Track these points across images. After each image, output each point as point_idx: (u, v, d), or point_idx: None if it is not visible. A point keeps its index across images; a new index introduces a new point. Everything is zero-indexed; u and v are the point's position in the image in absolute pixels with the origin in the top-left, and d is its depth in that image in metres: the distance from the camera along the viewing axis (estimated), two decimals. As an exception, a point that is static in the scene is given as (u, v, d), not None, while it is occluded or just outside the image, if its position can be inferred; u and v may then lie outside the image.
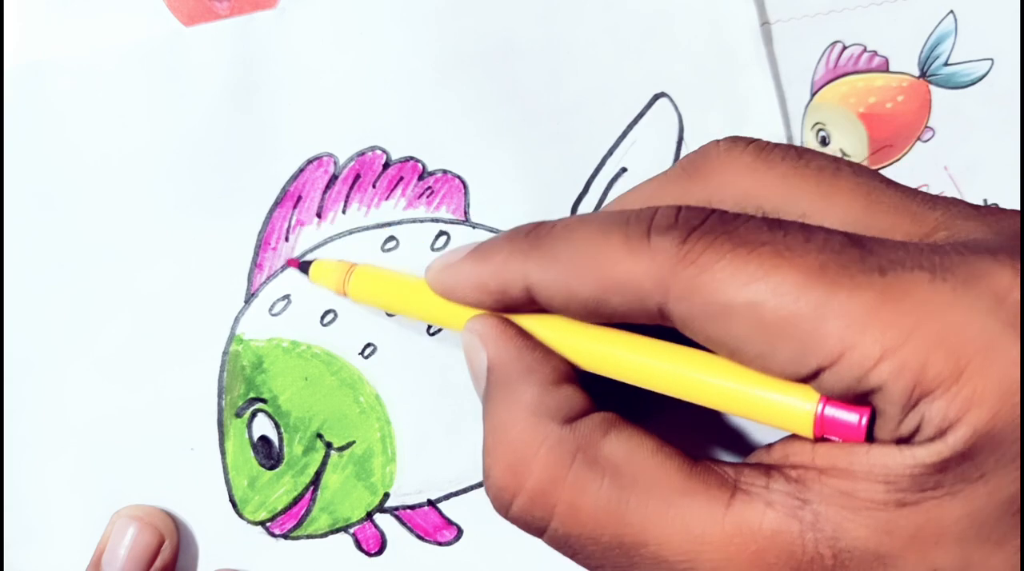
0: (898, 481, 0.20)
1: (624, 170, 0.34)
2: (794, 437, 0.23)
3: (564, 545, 0.23)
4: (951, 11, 0.35)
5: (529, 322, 0.26)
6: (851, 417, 0.21)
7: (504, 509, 0.24)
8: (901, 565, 0.21)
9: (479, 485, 0.33)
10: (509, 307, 0.26)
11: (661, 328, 0.24)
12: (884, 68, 0.35)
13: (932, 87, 0.35)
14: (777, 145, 0.25)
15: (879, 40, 0.35)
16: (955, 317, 0.20)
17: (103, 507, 0.32)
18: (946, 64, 0.35)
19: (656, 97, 0.34)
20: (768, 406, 0.22)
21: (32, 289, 0.33)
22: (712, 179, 0.25)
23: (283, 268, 0.33)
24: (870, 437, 0.21)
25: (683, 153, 0.34)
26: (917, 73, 0.35)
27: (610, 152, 0.34)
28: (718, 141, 0.26)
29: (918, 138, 0.35)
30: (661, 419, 0.25)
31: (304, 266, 0.33)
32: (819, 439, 0.22)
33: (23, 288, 0.33)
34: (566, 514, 0.23)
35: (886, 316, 0.20)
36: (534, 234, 0.25)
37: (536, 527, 0.24)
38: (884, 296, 0.20)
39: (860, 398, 0.21)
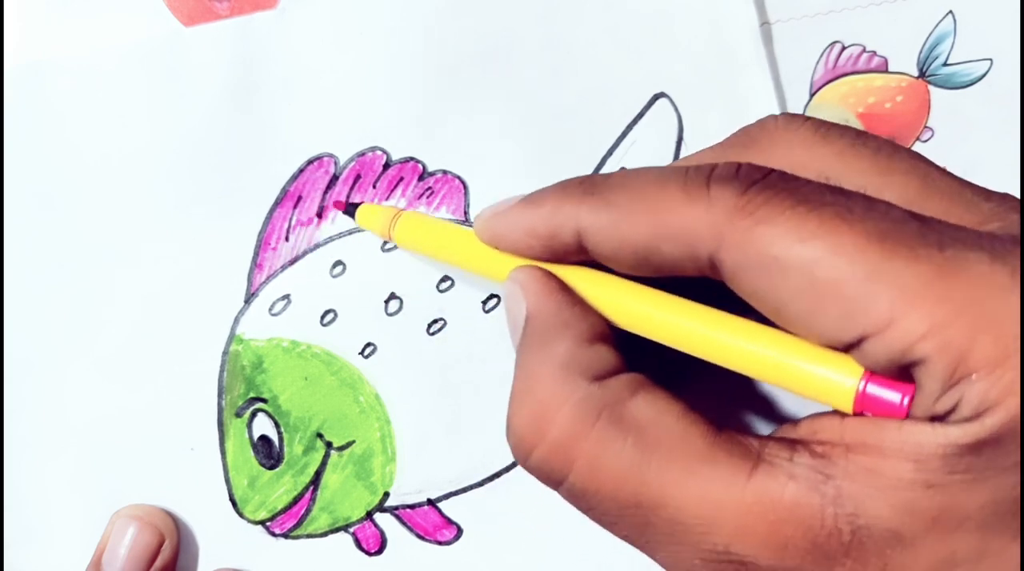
0: (928, 460, 0.20)
1: (624, 170, 0.34)
2: (822, 414, 0.23)
3: (580, 499, 0.24)
4: (950, 11, 0.35)
5: (572, 276, 0.26)
6: (893, 396, 0.21)
7: (523, 457, 0.24)
8: (919, 546, 0.20)
9: (479, 484, 0.33)
10: (557, 255, 0.26)
11: (701, 293, 0.24)
12: (883, 68, 0.35)
13: (931, 87, 0.35)
14: (835, 123, 0.25)
15: (878, 40, 0.35)
16: (1010, 301, 0.20)
17: (103, 507, 0.32)
18: (945, 64, 0.35)
19: (656, 97, 0.34)
20: (808, 378, 0.22)
21: (32, 289, 0.33)
22: (768, 150, 0.25)
23: (283, 267, 0.33)
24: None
25: (683, 153, 0.34)
26: (916, 73, 0.35)
27: (610, 152, 0.34)
28: (775, 115, 0.26)
29: (917, 138, 0.35)
30: (689, 386, 0.25)
31: (351, 209, 0.33)
32: (855, 414, 0.22)
33: (23, 288, 0.33)
34: (585, 469, 0.23)
35: (940, 290, 0.20)
36: (588, 181, 0.25)
37: (553, 479, 0.24)
38: (941, 270, 0.20)
39: (901, 371, 0.21)
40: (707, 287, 0.24)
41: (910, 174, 0.23)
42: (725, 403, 0.32)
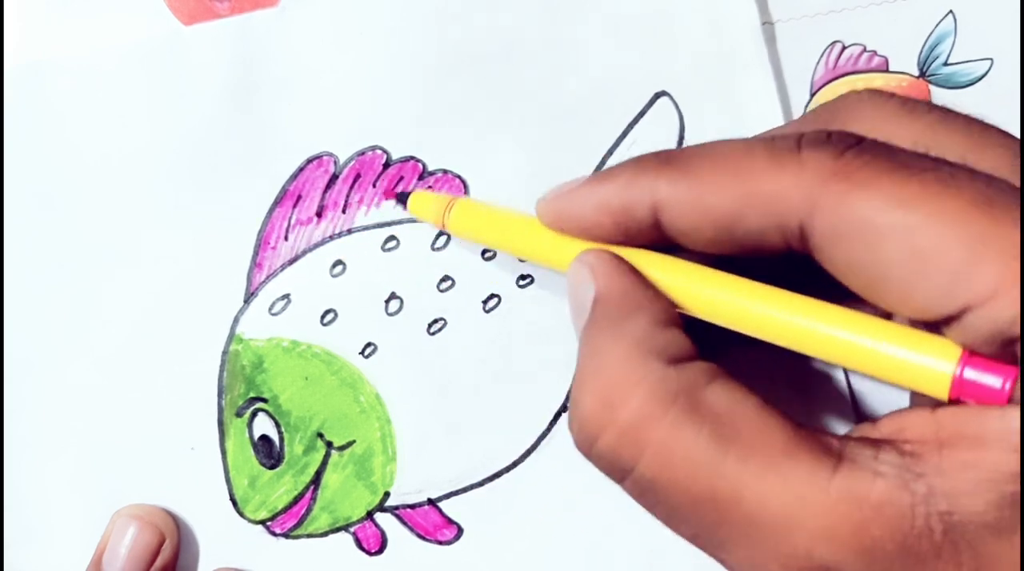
0: None
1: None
2: (906, 410, 0.21)
3: (647, 492, 0.22)
4: (950, 11, 0.35)
5: (641, 260, 0.25)
6: (993, 380, 0.20)
7: (588, 443, 0.22)
8: (1016, 538, 0.19)
9: (479, 484, 0.33)
10: (628, 234, 0.24)
11: (777, 276, 0.23)
12: (884, 68, 0.35)
13: (932, 87, 0.35)
14: (922, 100, 0.24)
15: (879, 40, 0.35)
16: None
17: (103, 506, 0.32)
18: (945, 64, 0.35)
19: (656, 96, 0.34)
20: (899, 363, 0.21)
21: (32, 289, 0.33)
22: (851, 124, 0.24)
23: (283, 267, 0.33)
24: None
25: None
26: (916, 73, 0.35)
27: (610, 152, 0.34)
28: (858, 90, 0.25)
29: (917, 138, 0.35)
30: (759, 381, 0.23)
31: (402, 197, 0.32)
32: (951, 402, 0.20)
33: (23, 288, 0.33)
34: (657, 458, 0.21)
35: None
36: (664, 154, 0.24)
37: (619, 468, 0.22)
38: None
39: (1004, 346, 0.20)
40: (778, 276, 0.23)
41: (1003, 149, 0.22)
42: (799, 400, 0.31)
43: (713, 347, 0.23)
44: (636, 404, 0.21)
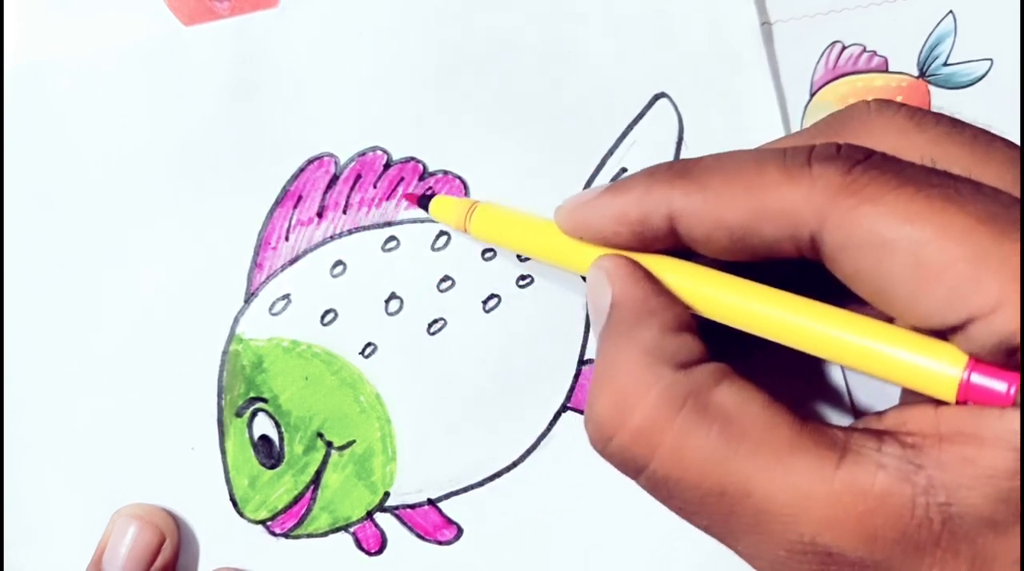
0: None
1: (624, 170, 0.34)
2: (910, 404, 0.22)
3: (660, 487, 0.23)
4: (950, 11, 0.35)
5: (657, 264, 0.26)
6: (999, 385, 0.21)
7: (602, 443, 0.24)
8: (1011, 534, 0.20)
9: (479, 484, 0.33)
10: (645, 242, 0.25)
11: (786, 284, 0.24)
12: (883, 68, 0.35)
13: (931, 87, 0.35)
14: (929, 111, 0.25)
15: (878, 40, 0.35)
16: None
17: (103, 506, 0.32)
18: (945, 64, 0.35)
19: (656, 97, 0.34)
20: (909, 367, 0.22)
21: (32, 289, 0.33)
22: (861, 135, 0.25)
23: (283, 267, 0.33)
24: None
25: (683, 153, 0.34)
26: (916, 73, 0.35)
27: (610, 152, 0.34)
28: (868, 101, 0.26)
29: (917, 138, 0.35)
30: (770, 377, 0.24)
31: (423, 201, 0.32)
32: (958, 403, 0.21)
33: (23, 288, 0.33)
34: (669, 457, 0.22)
35: None
36: (678, 166, 0.25)
37: (633, 466, 0.23)
38: None
39: (1006, 355, 0.21)
40: (792, 278, 0.24)
41: (1008, 163, 0.23)
42: (804, 395, 0.32)
43: (725, 345, 0.24)
44: (646, 408, 0.23)
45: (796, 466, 0.21)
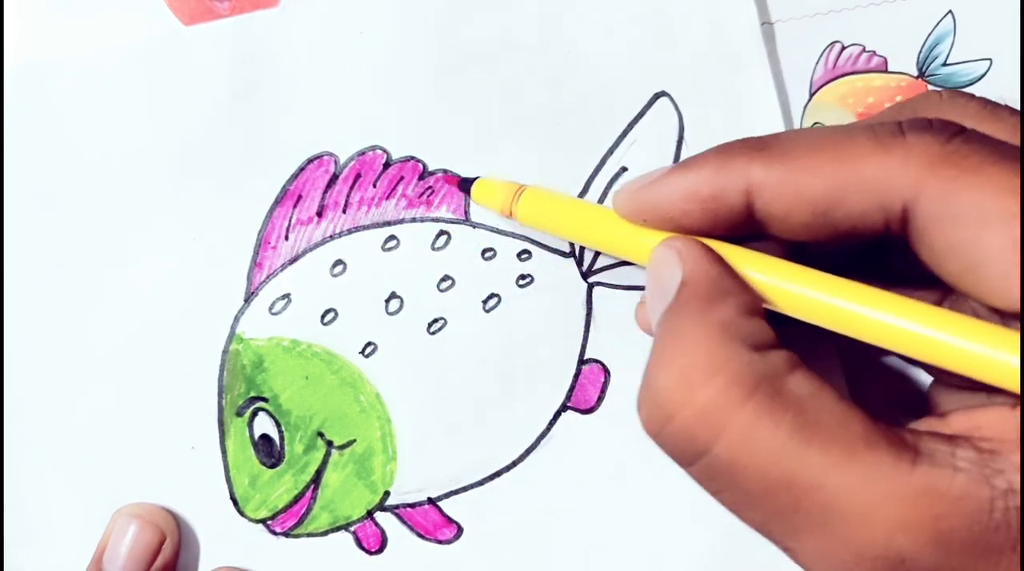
0: None
1: (624, 170, 0.34)
2: (983, 408, 0.22)
3: (721, 475, 0.22)
4: (950, 11, 0.35)
5: (726, 252, 0.25)
6: None
7: (661, 421, 0.22)
8: None
9: (479, 483, 0.33)
10: (716, 221, 0.24)
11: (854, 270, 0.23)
12: (883, 68, 0.35)
13: (931, 87, 0.35)
14: (1000, 103, 0.24)
15: (878, 40, 0.35)
16: None
17: (104, 506, 0.32)
18: (945, 64, 0.35)
19: (656, 96, 0.34)
20: (991, 363, 0.21)
21: (32, 289, 0.33)
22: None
23: (283, 266, 0.33)
24: None
25: (683, 153, 0.34)
26: (916, 73, 0.35)
27: (610, 152, 0.34)
28: (939, 91, 0.25)
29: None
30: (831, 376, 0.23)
31: (465, 184, 0.32)
32: None
33: (23, 288, 0.33)
34: (736, 441, 0.21)
35: None
36: (753, 140, 0.24)
37: (692, 450, 0.22)
38: None
39: None
40: (854, 269, 0.23)
41: None
42: (867, 394, 0.31)
43: (788, 340, 0.23)
44: (718, 386, 0.21)
45: (872, 463, 0.20)
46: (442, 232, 0.33)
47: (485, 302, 0.33)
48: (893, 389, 0.32)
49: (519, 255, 0.33)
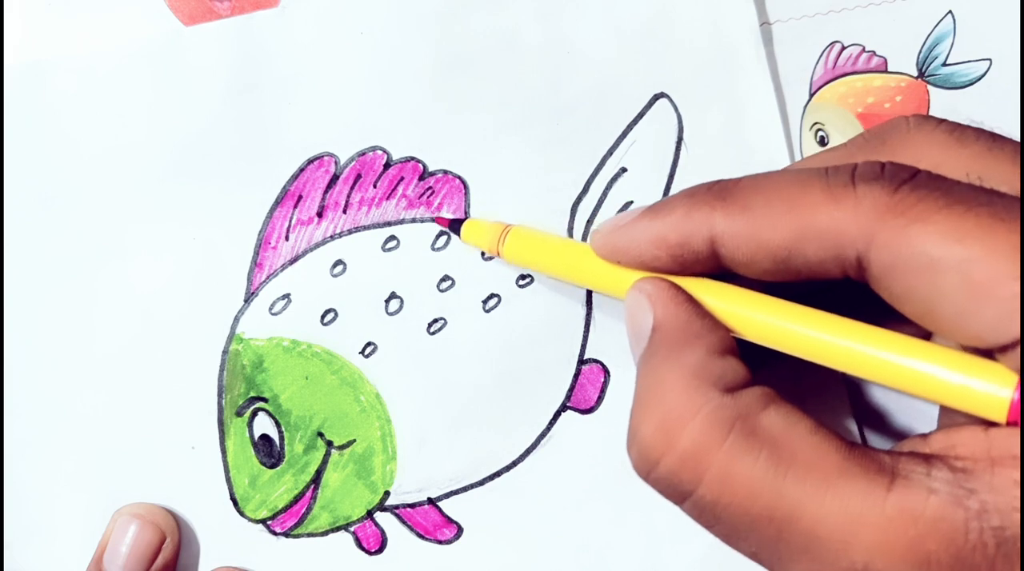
0: None
1: (624, 170, 0.34)
2: (957, 426, 0.22)
3: (707, 513, 0.23)
4: (950, 11, 0.35)
5: (696, 287, 0.25)
6: None
7: (647, 468, 0.23)
8: None
9: (479, 483, 0.33)
10: (684, 265, 0.25)
11: (831, 302, 0.23)
12: (882, 68, 0.35)
13: (930, 87, 0.35)
14: (969, 126, 0.25)
15: (877, 40, 0.35)
16: None
17: (104, 505, 0.32)
18: (944, 64, 0.35)
19: (656, 97, 0.34)
20: (958, 389, 0.22)
21: (32, 289, 0.33)
22: (900, 152, 0.25)
23: (284, 267, 0.33)
24: None
25: (682, 153, 0.34)
26: (915, 73, 0.35)
27: (610, 152, 0.34)
28: (906, 117, 0.25)
29: (916, 138, 0.35)
30: (807, 401, 0.24)
31: (455, 225, 0.32)
32: (1009, 424, 0.21)
33: (23, 288, 0.33)
34: (717, 482, 0.22)
35: None
36: (717, 187, 0.25)
37: (679, 491, 0.23)
38: None
39: None
40: (832, 300, 0.24)
41: None
42: (846, 419, 0.32)
43: (762, 368, 0.24)
44: (695, 431, 0.22)
45: (846, 491, 0.21)
46: (442, 232, 0.33)
47: (485, 302, 0.33)
48: (898, 404, 0.32)
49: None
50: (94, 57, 0.33)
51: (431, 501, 0.33)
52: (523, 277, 0.33)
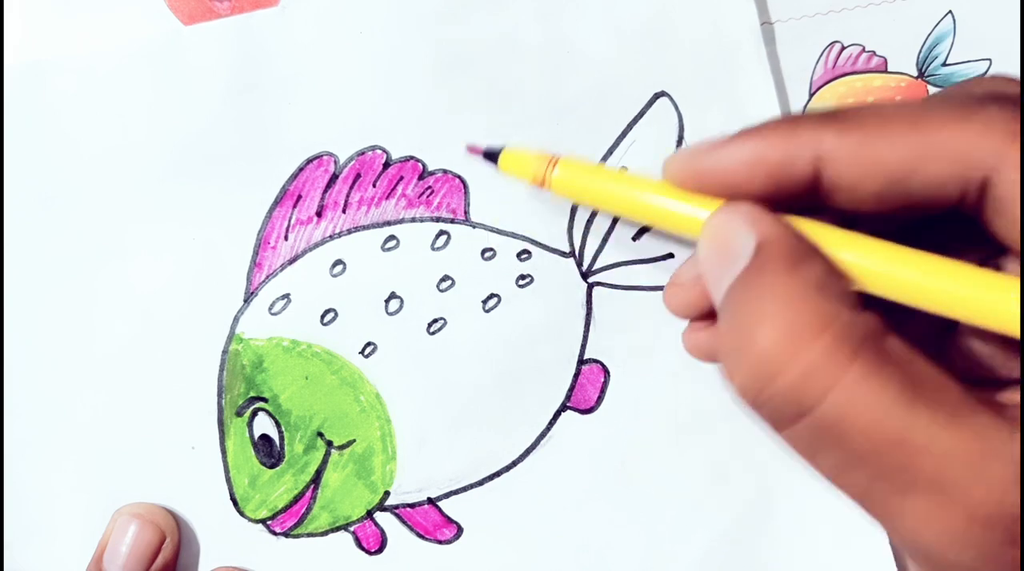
0: None
1: (624, 169, 0.34)
2: None
3: (824, 435, 0.21)
4: (949, 11, 0.35)
5: (797, 225, 0.23)
6: None
7: (763, 380, 0.21)
8: None
9: (479, 483, 0.33)
10: (780, 191, 0.23)
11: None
12: (882, 68, 0.35)
13: (930, 87, 0.35)
14: None
15: (878, 40, 0.35)
16: None
17: (104, 505, 0.32)
18: (944, 64, 0.35)
19: (656, 96, 0.34)
20: None
21: (32, 289, 0.33)
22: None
23: (283, 266, 0.33)
24: None
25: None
26: (915, 73, 0.35)
27: (610, 151, 0.34)
28: (992, 76, 0.24)
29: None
30: None
31: (490, 154, 0.30)
32: None
33: (23, 288, 0.33)
34: (845, 399, 0.20)
35: None
36: (825, 111, 0.23)
37: (795, 410, 0.21)
38: None
39: None
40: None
41: None
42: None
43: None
44: (824, 344, 0.21)
45: (976, 424, 0.20)
46: (442, 232, 0.33)
47: (485, 302, 0.33)
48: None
49: (519, 255, 0.33)
50: (94, 57, 0.33)
51: (431, 501, 0.33)
52: (523, 277, 0.33)
